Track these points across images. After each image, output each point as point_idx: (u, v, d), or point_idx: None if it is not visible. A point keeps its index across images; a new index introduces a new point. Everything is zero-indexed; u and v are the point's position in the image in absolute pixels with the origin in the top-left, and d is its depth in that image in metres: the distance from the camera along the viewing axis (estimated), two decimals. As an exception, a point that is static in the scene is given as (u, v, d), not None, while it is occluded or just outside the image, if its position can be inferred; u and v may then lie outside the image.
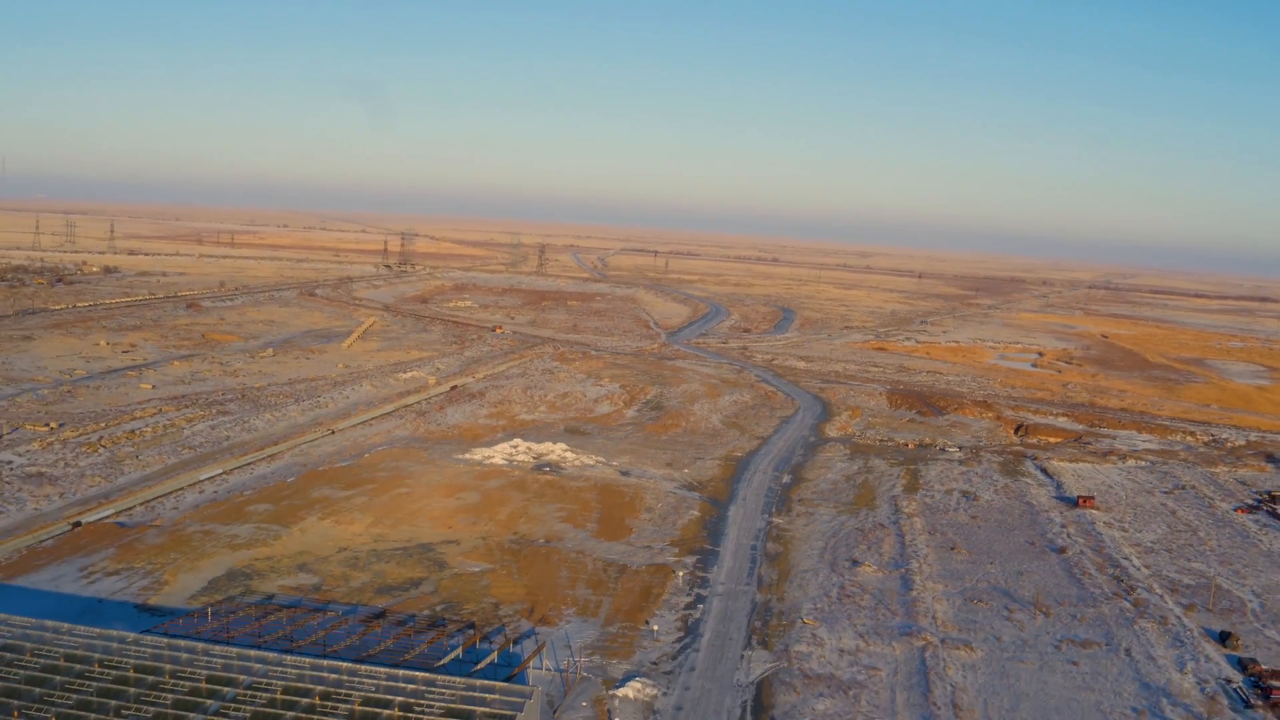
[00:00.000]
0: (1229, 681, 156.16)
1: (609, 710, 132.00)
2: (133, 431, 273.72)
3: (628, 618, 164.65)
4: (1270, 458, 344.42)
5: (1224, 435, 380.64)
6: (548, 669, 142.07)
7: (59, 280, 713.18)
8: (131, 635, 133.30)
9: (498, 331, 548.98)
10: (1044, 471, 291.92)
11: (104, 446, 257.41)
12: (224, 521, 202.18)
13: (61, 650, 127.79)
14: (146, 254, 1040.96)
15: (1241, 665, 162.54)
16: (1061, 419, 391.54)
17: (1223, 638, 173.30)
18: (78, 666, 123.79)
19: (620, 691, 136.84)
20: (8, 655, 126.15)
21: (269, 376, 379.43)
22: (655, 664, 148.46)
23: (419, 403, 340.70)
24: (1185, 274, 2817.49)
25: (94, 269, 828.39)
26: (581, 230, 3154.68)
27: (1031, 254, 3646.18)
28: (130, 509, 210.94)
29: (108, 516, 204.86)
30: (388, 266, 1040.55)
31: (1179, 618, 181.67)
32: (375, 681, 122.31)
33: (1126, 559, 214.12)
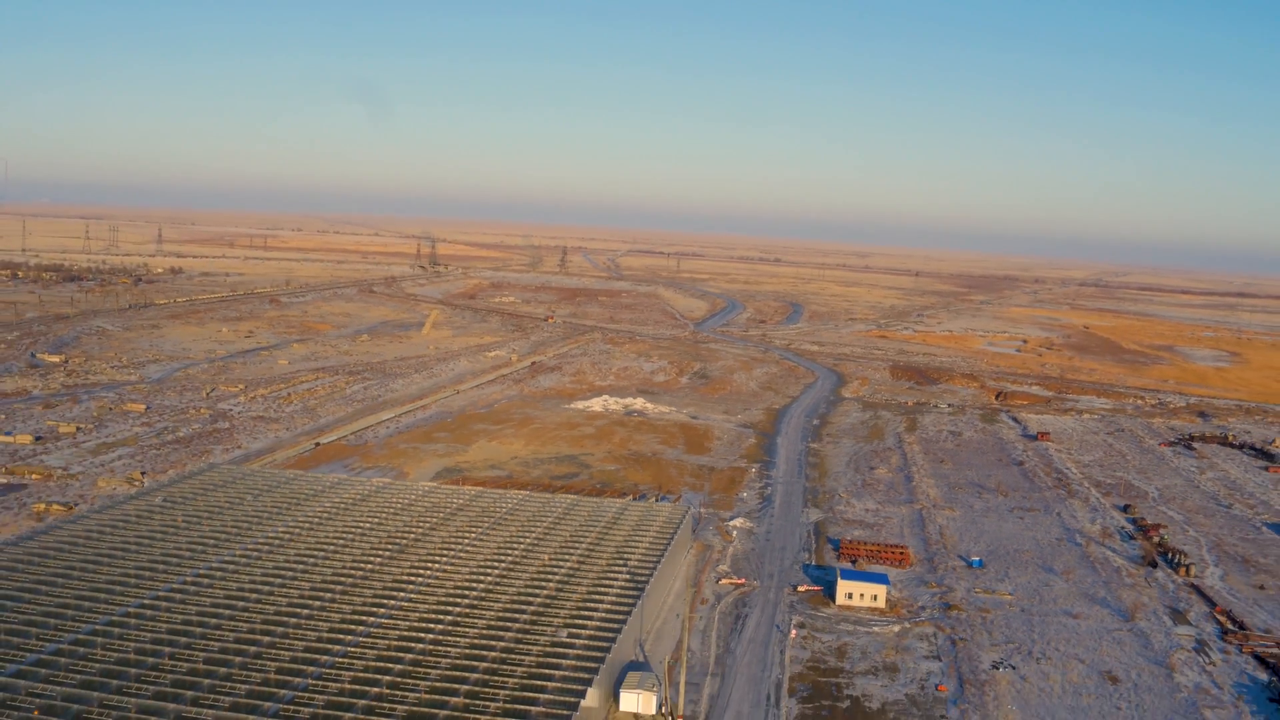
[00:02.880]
0: (1122, 528, 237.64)
1: (728, 530, 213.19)
2: (309, 390, 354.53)
3: (724, 491, 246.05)
4: (1202, 414, 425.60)
5: (1169, 400, 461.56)
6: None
7: (139, 280, 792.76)
8: (426, 484, 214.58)
9: (550, 321, 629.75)
10: (1014, 419, 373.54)
11: (295, 400, 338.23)
12: (421, 442, 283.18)
13: (393, 493, 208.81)
14: (194, 256, 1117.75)
15: (1133, 521, 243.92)
16: (1035, 388, 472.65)
17: (1125, 508, 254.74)
18: (396, 500, 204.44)
19: (731, 523, 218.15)
20: (366, 494, 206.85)
21: (377, 355, 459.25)
22: (749, 513, 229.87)
23: (512, 373, 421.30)
24: (1181, 271, 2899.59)
25: (159, 270, 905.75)
26: (585, 232, 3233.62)
27: (1029, 253, 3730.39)
28: (344, 436, 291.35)
29: (334, 440, 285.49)
30: (422, 267, 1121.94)
31: (1098, 498, 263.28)
32: (592, 505, 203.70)
33: (1068, 469, 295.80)
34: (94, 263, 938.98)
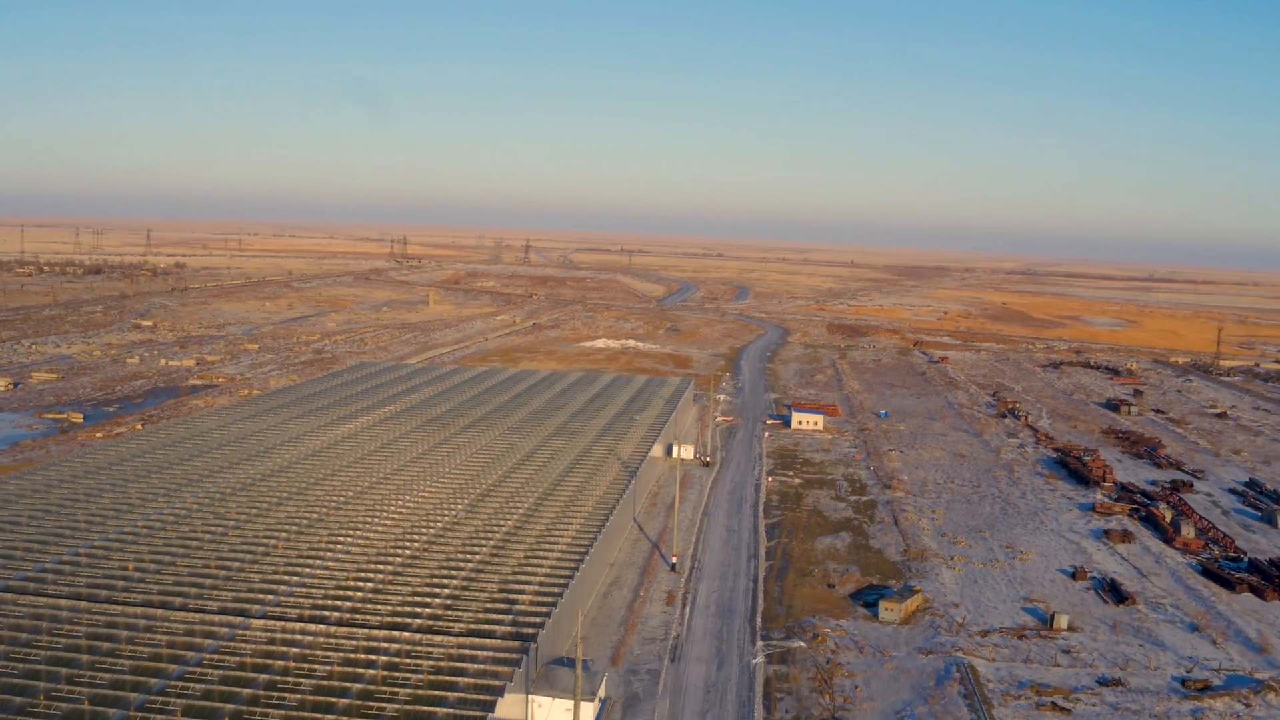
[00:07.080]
0: (988, 402, 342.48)
1: (716, 400, 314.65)
2: (374, 336, 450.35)
3: (708, 385, 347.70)
4: (1078, 352, 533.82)
5: (1056, 345, 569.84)
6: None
7: (156, 272, 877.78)
8: (513, 369, 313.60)
9: (534, 298, 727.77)
10: (923, 352, 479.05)
11: (368, 342, 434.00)
12: (480, 364, 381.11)
13: (493, 374, 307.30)
14: (184, 255, 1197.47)
15: (996, 398, 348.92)
16: (946, 339, 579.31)
17: (994, 394, 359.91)
18: (500, 377, 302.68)
19: (718, 396, 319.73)
20: (477, 375, 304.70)
21: (403, 320, 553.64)
22: (729, 393, 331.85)
23: (520, 329, 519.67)
24: (1111, 263, 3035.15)
25: (163, 266, 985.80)
26: (527, 234, 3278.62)
27: (964, 248, 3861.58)
28: (422, 361, 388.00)
29: (417, 362, 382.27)
30: (398, 261, 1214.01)
31: (975, 390, 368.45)
32: (626, 377, 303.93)
33: (957, 376, 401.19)
34: (96, 262, 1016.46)
